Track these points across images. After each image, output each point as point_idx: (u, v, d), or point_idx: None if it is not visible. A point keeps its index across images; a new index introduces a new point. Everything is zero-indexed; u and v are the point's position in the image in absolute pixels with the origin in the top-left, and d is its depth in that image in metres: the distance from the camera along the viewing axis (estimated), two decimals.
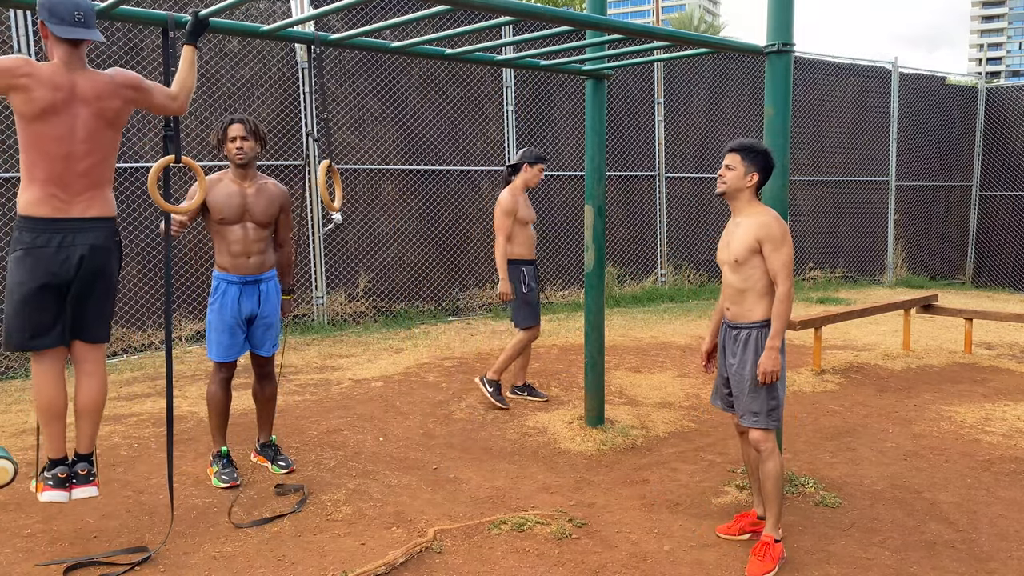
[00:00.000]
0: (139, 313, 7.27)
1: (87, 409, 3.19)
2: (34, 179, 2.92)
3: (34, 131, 2.90)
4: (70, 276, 3.00)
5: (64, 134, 2.92)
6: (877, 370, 6.64)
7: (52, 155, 2.91)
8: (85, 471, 3.18)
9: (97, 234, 3.04)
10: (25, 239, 2.94)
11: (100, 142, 3.02)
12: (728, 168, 3.28)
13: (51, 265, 2.96)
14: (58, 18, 2.87)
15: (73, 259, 2.98)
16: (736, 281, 3.29)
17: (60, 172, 2.93)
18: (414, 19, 3.57)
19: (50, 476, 3.13)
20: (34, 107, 2.87)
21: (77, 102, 2.94)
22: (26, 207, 2.94)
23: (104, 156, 3.05)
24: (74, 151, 2.95)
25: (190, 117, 7.39)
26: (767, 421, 3.25)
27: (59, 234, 2.95)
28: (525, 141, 9.50)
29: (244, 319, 4.02)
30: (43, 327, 3.01)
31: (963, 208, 13.54)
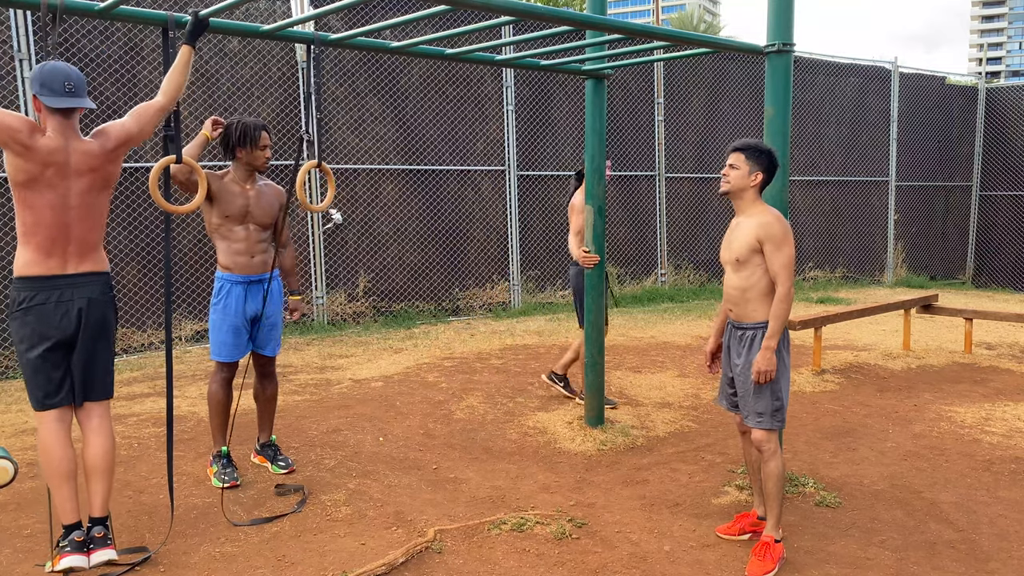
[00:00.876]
0: (139, 313, 7.27)
1: (99, 467, 3.14)
2: (28, 243, 3.00)
3: (27, 201, 2.96)
4: (71, 331, 3.04)
5: (57, 204, 2.98)
6: (877, 370, 6.64)
7: (46, 222, 2.98)
8: (102, 534, 3.10)
9: (92, 288, 3.10)
10: (23, 298, 3.00)
11: (93, 208, 3.09)
12: (732, 167, 3.28)
13: (52, 320, 3.01)
14: (49, 90, 2.94)
15: (72, 313, 3.04)
16: (739, 281, 3.28)
17: (54, 237, 3.00)
18: (414, 19, 3.57)
19: (67, 543, 3.03)
20: (24, 177, 2.93)
21: (71, 175, 3.00)
22: (22, 268, 3.01)
23: (97, 220, 3.12)
24: (68, 220, 3.02)
25: (190, 117, 7.39)
26: (771, 422, 3.25)
27: (56, 290, 3.02)
28: (525, 141, 9.51)
29: (248, 319, 4.02)
30: (54, 385, 3.06)
31: (963, 208, 13.54)
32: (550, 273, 9.88)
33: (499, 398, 5.69)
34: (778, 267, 3.18)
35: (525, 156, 9.52)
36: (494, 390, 5.90)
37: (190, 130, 7.36)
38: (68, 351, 3.07)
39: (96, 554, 3.05)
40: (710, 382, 6.15)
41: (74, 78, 2.98)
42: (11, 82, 6.47)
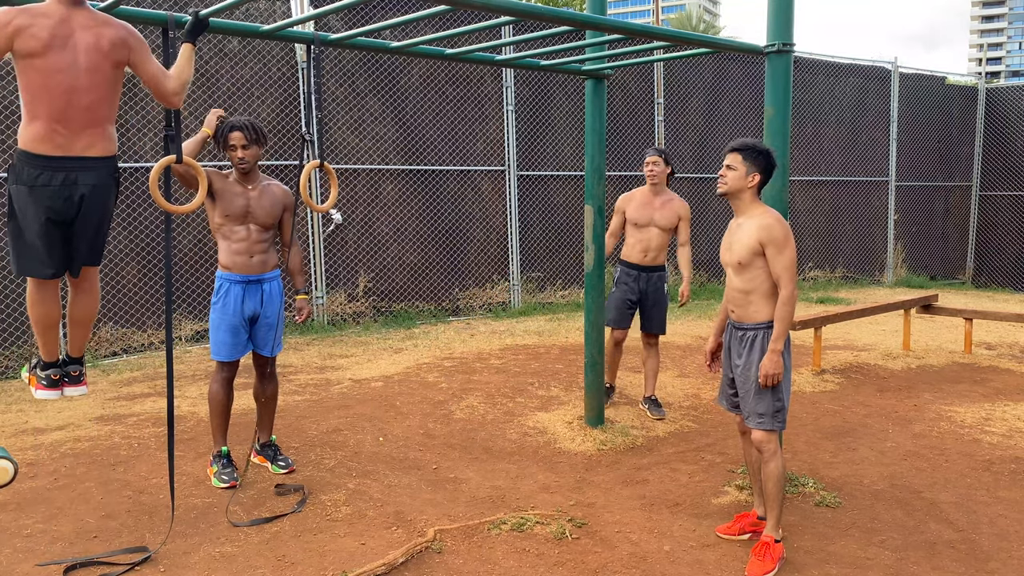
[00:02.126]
0: (139, 313, 7.27)
1: (82, 321, 3.32)
2: (36, 115, 2.91)
3: (35, 68, 2.87)
4: (72, 214, 3.02)
5: (66, 66, 2.90)
6: (877, 370, 6.64)
7: (54, 89, 2.89)
8: (77, 372, 3.35)
9: (99, 173, 3.04)
10: (27, 175, 2.93)
11: (101, 76, 2.99)
12: (729, 168, 3.27)
13: (53, 202, 2.96)
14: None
15: (75, 197, 2.99)
16: (740, 283, 3.28)
17: (62, 106, 2.91)
18: (414, 19, 3.56)
19: (44, 376, 3.28)
20: (34, 43, 2.84)
21: (76, 32, 2.92)
22: (28, 143, 2.93)
23: (106, 93, 3.02)
24: (76, 84, 2.92)
25: (190, 117, 7.39)
26: (772, 422, 3.24)
27: (62, 172, 2.95)
28: (525, 141, 9.51)
29: (247, 319, 4.02)
30: (47, 258, 3.06)
31: (963, 208, 13.54)
32: (550, 273, 9.88)
33: (499, 398, 5.69)
34: (780, 269, 3.18)
35: (525, 156, 9.52)
36: (494, 390, 5.90)
37: (190, 130, 7.35)
38: (64, 228, 3.04)
39: (69, 389, 3.32)
40: (710, 382, 6.15)
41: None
42: (11, 82, 6.47)
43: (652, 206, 5.25)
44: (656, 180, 5.25)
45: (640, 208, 5.26)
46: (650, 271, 5.30)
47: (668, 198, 5.28)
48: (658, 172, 5.24)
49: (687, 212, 5.28)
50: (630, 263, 5.32)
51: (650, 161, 5.25)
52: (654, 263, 5.30)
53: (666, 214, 5.23)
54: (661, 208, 5.24)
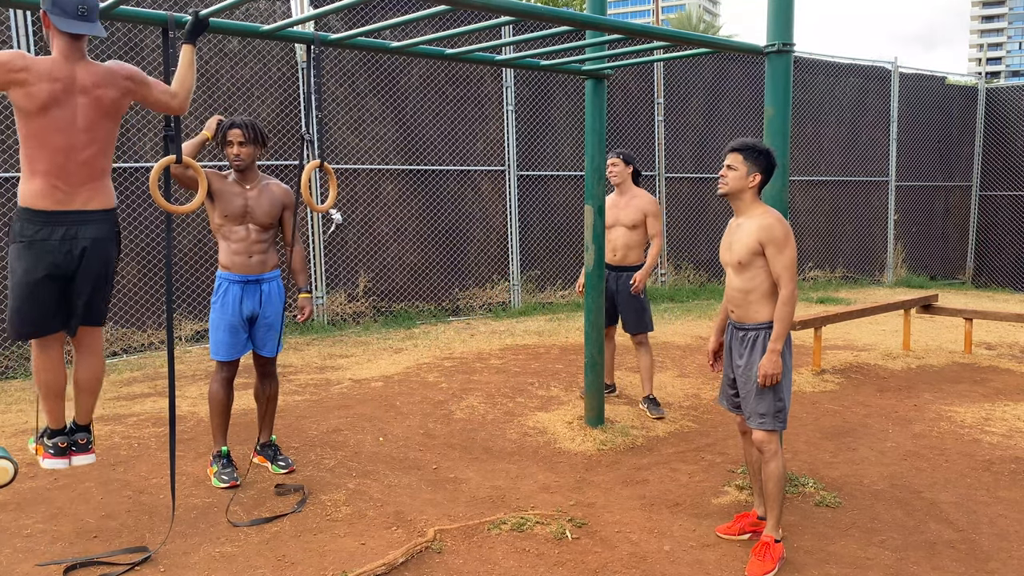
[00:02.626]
0: (139, 313, 7.27)
1: (88, 386, 3.28)
2: (35, 171, 2.92)
3: (35, 124, 2.90)
4: (72, 268, 3.02)
5: (64, 125, 2.92)
6: (877, 370, 6.64)
7: (53, 146, 2.91)
8: (84, 440, 3.31)
9: (100, 226, 3.05)
10: (27, 231, 2.94)
11: (100, 132, 3.03)
12: (730, 168, 3.26)
13: (54, 257, 2.97)
14: (60, 10, 2.88)
15: (76, 251, 3.00)
16: (741, 283, 3.28)
17: (61, 163, 2.94)
18: (414, 19, 3.56)
19: (51, 444, 3.24)
20: (34, 101, 2.87)
21: (76, 92, 2.95)
22: (28, 199, 2.94)
23: (104, 146, 3.06)
24: (75, 142, 2.95)
25: (190, 117, 7.38)
26: (773, 423, 3.24)
27: (62, 227, 2.96)
28: (525, 141, 9.51)
29: (246, 319, 4.02)
30: (47, 317, 3.05)
31: (963, 208, 13.54)
32: (550, 273, 9.88)
33: (499, 398, 5.69)
34: (781, 269, 3.17)
35: (525, 156, 9.52)
36: (494, 390, 5.90)
37: (190, 130, 7.35)
38: (65, 284, 3.04)
39: (77, 458, 3.26)
40: (710, 382, 6.15)
41: (88, 1, 2.91)
42: None
43: (617, 206, 5.36)
44: (617, 181, 5.34)
45: (608, 209, 5.36)
46: (619, 270, 5.37)
47: (633, 195, 5.36)
48: (618, 172, 5.32)
49: (654, 207, 5.30)
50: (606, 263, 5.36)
51: (610, 163, 5.33)
52: (623, 262, 5.36)
53: (630, 212, 5.30)
54: (625, 207, 5.32)
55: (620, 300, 5.37)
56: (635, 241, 5.34)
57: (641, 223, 5.30)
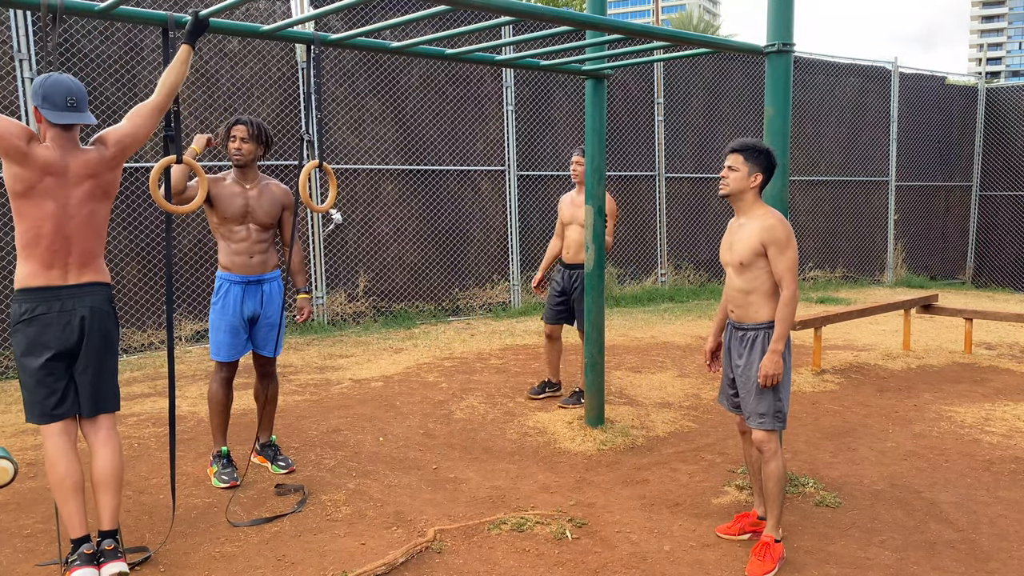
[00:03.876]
0: (139, 313, 7.27)
1: (107, 480, 3.11)
2: (30, 256, 2.98)
3: (24, 206, 2.94)
4: (74, 341, 3.03)
5: (57, 214, 2.96)
6: (877, 370, 6.64)
7: (46, 233, 2.96)
8: (112, 547, 3.04)
9: (95, 297, 3.08)
10: (25, 309, 2.98)
11: (94, 218, 3.07)
12: (731, 169, 3.26)
13: (55, 330, 2.99)
14: (51, 104, 2.93)
15: (75, 322, 3.02)
16: (741, 283, 3.28)
17: (55, 249, 2.98)
18: (414, 19, 3.56)
19: (76, 556, 2.99)
20: (22, 186, 2.91)
21: (70, 185, 2.99)
22: (23, 280, 2.99)
23: (98, 230, 3.11)
24: (68, 231, 3.00)
25: (190, 117, 7.39)
26: (773, 422, 3.24)
27: (58, 300, 3.00)
28: (525, 141, 9.51)
29: (247, 319, 4.02)
30: (57, 397, 3.04)
31: (963, 208, 13.54)
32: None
33: (499, 398, 5.69)
34: (782, 270, 3.17)
35: (525, 156, 9.52)
36: (494, 390, 5.90)
37: (190, 130, 7.36)
38: (70, 362, 3.05)
39: (107, 567, 2.99)
40: (710, 382, 6.15)
41: (76, 92, 2.98)
42: (11, 82, 6.47)
43: (575, 204, 5.41)
44: (579, 179, 5.39)
45: (567, 208, 5.45)
46: (572, 268, 5.43)
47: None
48: (581, 171, 5.36)
49: (611, 206, 5.30)
50: (560, 260, 5.56)
51: (574, 161, 5.39)
52: (576, 260, 5.40)
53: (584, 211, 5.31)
54: (582, 205, 5.33)
55: (573, 297, 5.43)
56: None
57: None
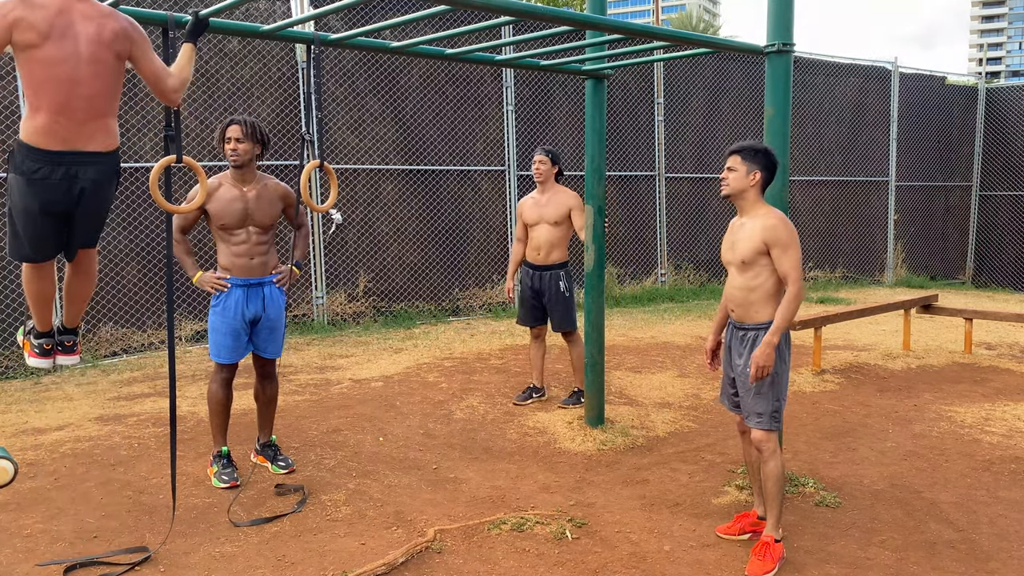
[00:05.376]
0: (139, 313, 7.27)
1: (79, 298, 3.33)
2: (38, 108, 2.89)
3: (35, 59, 2.85)
4: (71, 205, 3.01)
5: (66, 56, 2.87)
6: (877, 370, 6.64)
7: (56, 80, 2.86)
8: (71, 342, 3.37)
9: (100, 168, 3.03)
10: (27, 167, 2.92)
11: (103, 67, 2.96)
12: (730, 170, 3.29)
13: (53, 195, 2.96)
14: None
15: (74, 191, 2.98)
16: (743, 282, 3.28)
17: (65, 98, 2.89)
18: (414, 19, 3.57)
19: (36, 345, 3.31)
20: (32, 35, 2.81)
21: (77, 22, 2.89)
22: (29, 135, 2.91)
23: (108, 84, 3.00)
24: (78, 74, 2.90)
25: (190, 117, 7.39)
26: (771, 422, 3.25)
27: (62, 167, 2.93)
28: (525, 141, 9.51)
29: (248, 321, 4.02)
30: (45, 245, 3.08)
31: (963, 208, 13.54)
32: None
33: (499, 398, 5.69)
34: (788, 268, 3.18)
35: (525, 156, 9.51)
36: (494, 390, 5.90)
37: (190, 130, 7.36)
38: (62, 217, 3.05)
39: (61, 358, 3.34)
40: (710, 382, 6.15)
41: None
42: (11, 82, 6.47)
43: (540, 204, 5.42)
44: (542, 179, 5.39)
45: (531, 209, 5.44)
46: (543, 269, 5.42)
47: (555, 192, 5.40)
48: (544, 171, 5.37)
49: (578, 202, 5.31)
50: (528, 263, 5.52)
51: (537, 160, 5.40)
52: (546, 262, 5.40)
53: (551, 209, 5.34)
54: (547, 203, 5.37)
55: (547, 299, 5.43)
56: (558, 238, 5.38)
57: (564, 219, 5.34)
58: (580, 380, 5.38)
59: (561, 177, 5.48)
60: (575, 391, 5.49)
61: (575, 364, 5.48)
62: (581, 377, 5.32)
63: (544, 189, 5.42)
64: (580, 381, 5.39)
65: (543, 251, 5.40)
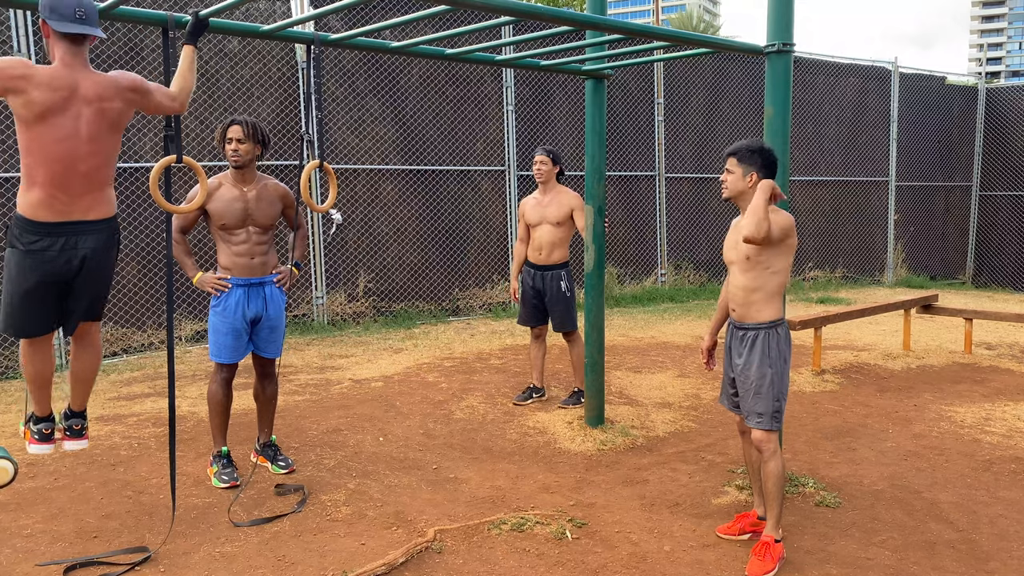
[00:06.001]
0: (139, 313, 7.27)
1: (84, 377, 3.28)
2: (35, 182, 2.89)
3: (35, 133, 2.86)
4: (71, 275, 3.01)
5: (66, 135, 2.89)
6: (877, 370, 6.64)
7: (54, 157, 2.88)
8: (79, 426, 3.31)
9: (99, 236, 3.03)
10: (25, 240, 2.91)
11: (103, 143, 3.00)
12: (728, 172, 3.30)
13: (53, 267, 2.95)
14: (59, 15, 2.85)
15: (75, 261, 2.98)
16: (745, 281, 3.28)
17: (62, 174, 2.90)
18: (414, 19, 3.57)
19: (36, 431, 3.25)
20: (33, 110, 2.83)
21: (79, 102, 2.91)
22: (27, 208, 2.91)
23: (106, 158, 3.04)
24: (77, 153, 2.92)
25: (190, 117, 7.38)
26: (770, 422, 3.25)
27: (61, 237, 2.93)
28: (525, 141, 9.51)
29: (248, 321, 4.02)
30: (42, 321, 3.05)
31: (963, 208, 13.54)
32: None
33: (499, 398, 5.69)
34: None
35: (525, 156, 9.51)
36: (494, 390, 5.90)
37: (190, 130, 7.36)
38: (62, 289, 3.03)
39: (70, 443, 3.29)
40: (710, 382, 6.15)
41: (85, 5, 2.90)
42: None
43: (541, 204, 5.42)
44: (543, 179, 5.40)
45: (533, 209, 5.45)
46: (544, 269, 5.43)
47: (557, 192, 5.41)
48: (545, 171, 5.38)
49: (580, 202, 5.32)
50: (529, 262, 5.52)
51: (538, 160, 5.41)
52: (548, 261, 5.41)
53: (553, 209, 5.35)
54: (549, 204, 5.38)
55: (548, 299, 5.44)
56: (559, 239, 5.39)
57: (566, 219, 5.35)
58: (580, 380, 5.38)
59: (562, 177, 5.48)
60: (575, 391, 5.49)
61: (575, 364, 5.48)
62: (581, 377, 5.32)
63: (546, 189, 5.42)
64: (580, 381, 5.39)
65: (545, 251, 5.41)
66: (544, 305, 5.47)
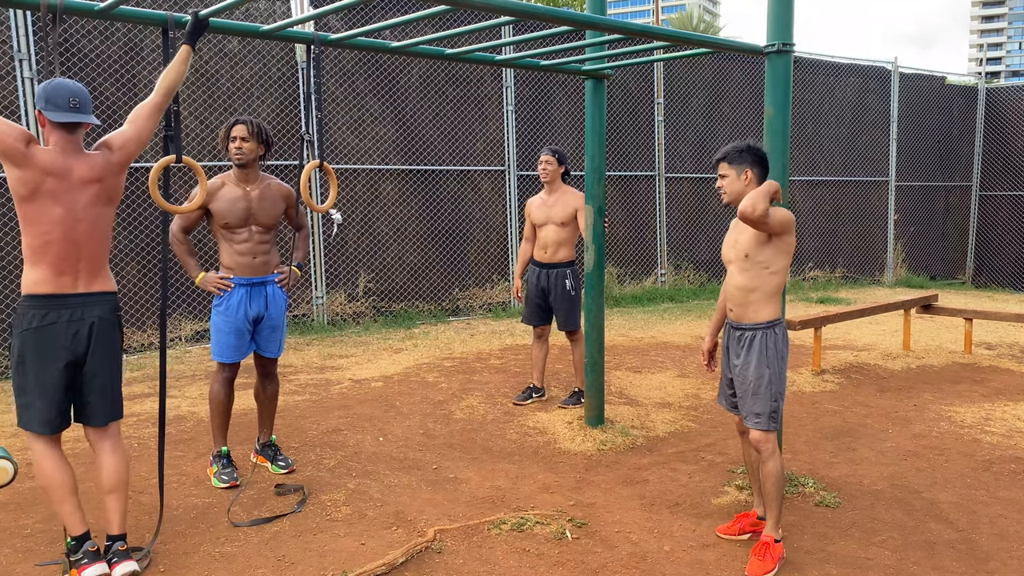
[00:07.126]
0: (139, 313, 7.27)
1: (115, 486, 3.10)
2: (37, 262, 2.96)
3: (31, 211, 2.92)
4: (82, 350, 3.01)
5: (65, 219, 2.95)
6: (877, 370, 6.64)
7: (54, 239, 2.94)
8: (123, 547, 3.08)
9: (103, 307, 3.08)
10: (33, 318, 2.95)
11: (100, 223, 3.07)
12: (723, 178, 3.30)
13: (63, 340, 2.97)
14: (54, 105, 2.92)
15: (83, 332, 3.01)
16: (743, 281, 3.28)
17: (64, 254, 2.97)
18: (414, 19, 3.56)
19: (82, 555, 2.99)
20: (26, 190, 2.89)
21: (76, 187, 2.97)
22: (31, 287, 2.97)
23: (104, 235, 3.10)
24: (77, 235, 2.98)
25: (190, 117, 7.39)
26: (768, 422, 3.25)
27: (67, 309, 2.99)
28: (525, 141, 9.51)
29: (251, 321, 4.02)
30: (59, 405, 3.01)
31: (963, 208, 13.54)
32: None
33: (499, 398, 5.69)
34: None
35: (525, 156, 9.52)
36: (494, 390, 5.90)
37: (190, 130, 7.36)
38: (75, 373, 3.03)
39: (120, 567, 3.00)
40: (710, 382, 6.15)
41: (79, 95, 2.97)
42: (11, 82, 6.47)
43: (547, 204, 5.43)
44: (548, 179, 5.40)
45: (538, 208, 5.46)
46: (550, 268, 5.44)
47: (562, 192, 5.41)
48: (551, 171, 5.38)
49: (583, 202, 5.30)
50: (535, 261, 5.54)
51: (543, 160, 5.41)
52: (553, 260, 5.42)
53: (559, 209, 5.36)
54: (554, 204, 5.38)
55: (553, 298, 5.44)
56: (565, 238, 5.40)
57: (571, 219, 5.36)
58: (581, 380, 5.38)
59: (568, 177, 5.48)
60: (575, 391, 5.49)
61: (577, 364, 5.48)
62: (582, 377, 5.32)
63: (551, 189, 5.41)
64: (581, 381, 5.39)
65: (550, 250, 5.42)
66: (548, 304, 5.47)
